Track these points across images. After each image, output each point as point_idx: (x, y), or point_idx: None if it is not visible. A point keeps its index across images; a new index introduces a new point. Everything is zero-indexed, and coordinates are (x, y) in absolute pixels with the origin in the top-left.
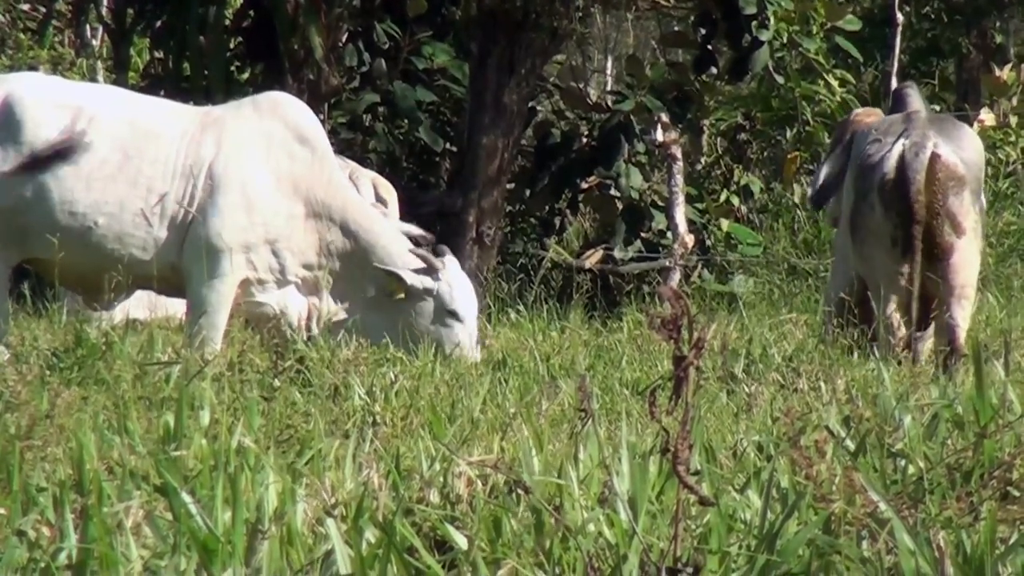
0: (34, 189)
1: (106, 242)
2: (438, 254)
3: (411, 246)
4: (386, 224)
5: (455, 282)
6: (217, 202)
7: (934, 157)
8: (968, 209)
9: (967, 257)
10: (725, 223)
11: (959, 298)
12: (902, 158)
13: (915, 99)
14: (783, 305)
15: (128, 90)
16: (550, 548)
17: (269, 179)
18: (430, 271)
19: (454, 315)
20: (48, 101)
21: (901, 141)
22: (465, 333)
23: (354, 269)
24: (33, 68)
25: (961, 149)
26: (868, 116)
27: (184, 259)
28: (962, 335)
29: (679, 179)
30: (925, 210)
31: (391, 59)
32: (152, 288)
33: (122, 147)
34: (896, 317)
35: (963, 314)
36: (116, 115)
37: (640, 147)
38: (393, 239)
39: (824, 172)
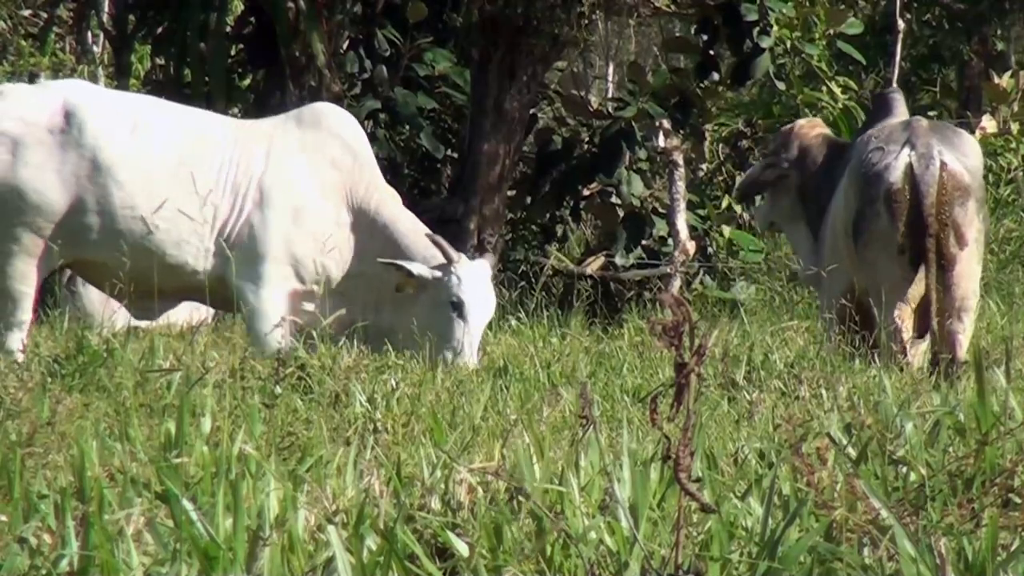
0: (96, 192)
1: (165, 247)
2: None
3: (429, 233)
4: (416, 224)
5: (468, 277)
6: (265, 215)
7: (942, 167)
8: (972, 219)
9: (969, 269)
10: (727, 229)
11: (960, 309)
12: (911, 169)
13: (902, 104)
14: (784, 312)
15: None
16: (551, 555)
17: (315, 190)
18: (444, 264)
19: (457, 308)
20: (108, 108)
21: (907, 151)
22: (465, 333)
23: (384, 271)
24: (34, 75)
25: (965, 157)
26: (812, 128)
27: (235, 273)
28: (963, 345)
29: (680, 186)
30: (937, 222)
31: (392, 66)
32: (200, 299)
33: (178, 155)
34: (901, 322)
35: (963, 325)
36: (171, 123)
37: (642, 154)
38: (420, 236)
39: (756, 173)
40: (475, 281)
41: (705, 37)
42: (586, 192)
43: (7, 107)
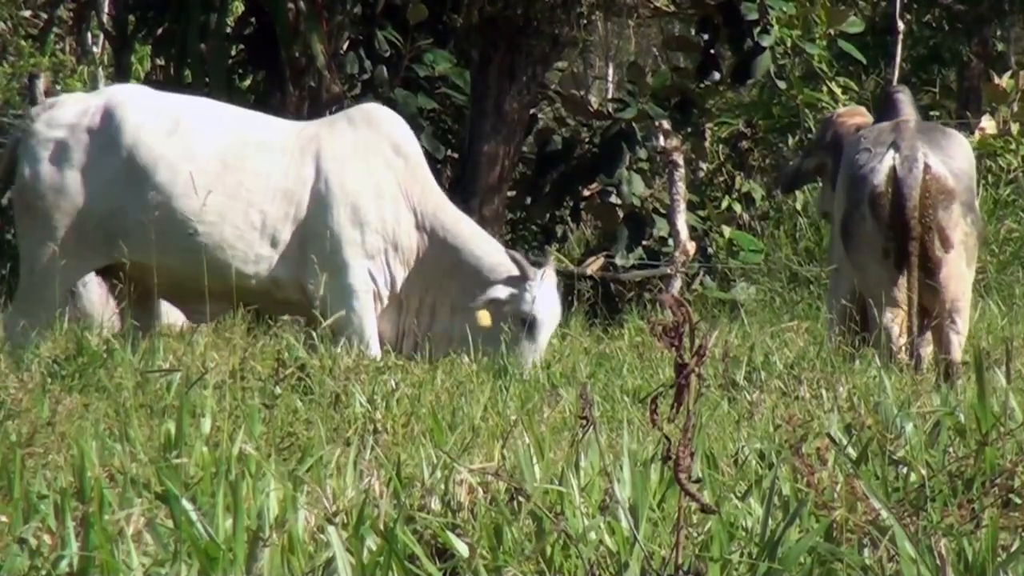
0: (133, 194)
1: (207, 251)
2: (539, 266)
3: (502, 249)
4: (476, 228)
5: (542, 295)
6: (329, 224)
7: (926, 169)
8: (957, 221)
9: (956, 271)
10: (727, 230)
11: (951, 311)
12: (894, 172)
13: (907, 105)
14: (785, 312)
15: (225, 103)
16: (551, 555)
17: (372, 191)
18: (521, 278)
19: (528, 325)
20: (149, 108)
21: (891, 153)
22: (529, 349)
23: (444, 276)
24: (34, 76)
25: (951, 159)
26: (851, 116)
27: (315, 283)
28: (957, 346)
29: (680, 186)
30: (920, 225)
31: (392, 66)
32: (254, 302)
33: (222, 158)
34: (895, 325)
35: (956, 327)
36: (217, 126)
37: (642, 154)
38: (482, 243)
39: (798, 163)
40: (548, 297)
41: (705, 37)
42: (586, 192)
43: (57, 115)
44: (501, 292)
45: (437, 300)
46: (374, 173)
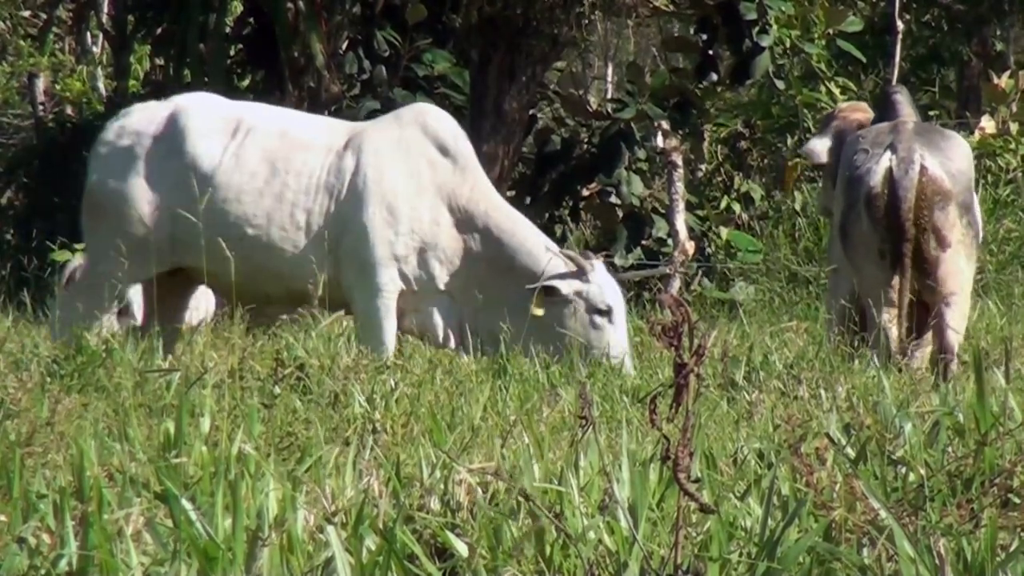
0: (192, 200)
1: (256, 254)
2: (585, 258)
3: (556, 248)
4: (531, 228)
5: (604, 282)
6: (362, 219)
7: (922, 171)
8: (954, 222)
9: (954, 268)
10: (725, 230)
11: (949, 305)
12: (890, 173)
13: (906, 105)
14: (784, 312)
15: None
16: (551, 555)
17: (410, 189)
18: (579, 273)
19: (606, 314)
20: (212, 113)
21: (888, 155)
22: (616, 335)
23: (499, 276)
24: (34, 75)
25: (949, 160)
26: (853, 111)
27: (343, 277)
28: (954, 340)
29: (679, 186)
30: (915, 226)
31: (391, 66)
32: (308, 304)
33: (270, 161)
34: (894, 326)
35: (954, 319)
36: (269, 129)
37: (641, 154)
38: (538, 242)
39: (816, 141)
40: (611, 282)
41: (704, 37)
42: (585, 192)
43: (127, 123)
44: (566, 289)
45: (494, 298)
46: (414, 172)
